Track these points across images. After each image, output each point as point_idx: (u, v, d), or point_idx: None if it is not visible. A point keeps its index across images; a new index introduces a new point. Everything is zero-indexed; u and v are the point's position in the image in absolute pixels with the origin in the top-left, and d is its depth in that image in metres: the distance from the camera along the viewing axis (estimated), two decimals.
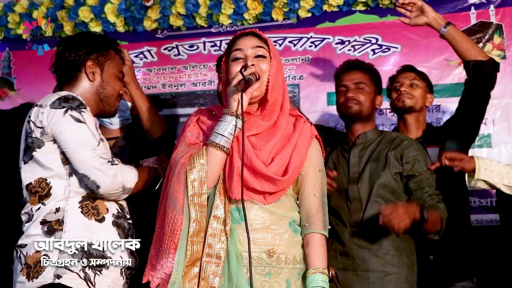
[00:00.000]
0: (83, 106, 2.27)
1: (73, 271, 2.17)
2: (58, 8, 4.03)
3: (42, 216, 2.23)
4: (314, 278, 1.99)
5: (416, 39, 3.54)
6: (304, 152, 2.09)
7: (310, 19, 3.69)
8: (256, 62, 2.04)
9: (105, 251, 2.24)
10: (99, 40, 2.42)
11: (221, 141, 2.01)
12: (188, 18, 3.86)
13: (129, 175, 2.26)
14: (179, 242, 2.01)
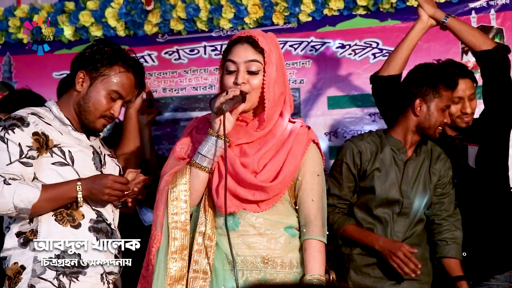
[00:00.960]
0: (15, 126, 2.20)
1: (46, 280, 2.17)
2: (59, 12, 4.03)
3: (17, 227, 2.22)
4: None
5: (418, 43, 3.32)
6: (298, 158, 2.06)
7: (310, 23, 3.68)
8: (247, 78, 2.02)
9: (82, 257, 2.21)
10: (107, 53, 2.30)
11: (203, 162, 2.01)
12: (188, 22, 3.83)
13: (23, 195, 2.16)
14: (158, 259, 2.03)
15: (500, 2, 3.40)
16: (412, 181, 2.60)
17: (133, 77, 2.33)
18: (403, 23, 3.50)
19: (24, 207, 2.14)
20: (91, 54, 2.30)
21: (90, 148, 2.32)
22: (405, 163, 2.61)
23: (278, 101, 2.06)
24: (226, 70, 2.05)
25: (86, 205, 2.26)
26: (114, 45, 2.37)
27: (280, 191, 2.04)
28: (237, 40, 2.06)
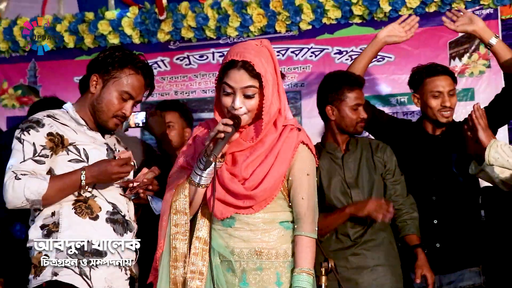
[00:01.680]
0: (31, 128, 2.26)
1: (68, 268, 2.21)
2: (80, 22, 4.14)
3: (41, 221, 2.27)
4: (298, 278, 2.00)
5: (408, 49, 3.61)
6: (286, 162, 2.05)
7: (310, 31, 3.78)
8: (243, 102, 2.00)
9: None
10: (118, 56, 2.34)
11: (200, 181, 2.05)
12: (198, 31, 3.93)
13: (32, 187, 2.19)
14: (161, 263, 2.10)
15: (485, 11, 3.50)
16: (355, 172, 2.73)
17: (143, 79, 2.35)
18: None
19: (35, 199, 2.18)
20: (103, 58, 2.33)
21: (104, 146, 2.36)
22: (342, 158, 2.74)
23: (273, 118, 2.06)
24: (223, 90, 2.02)
25: (101, 198, 2.31)
26: (126, 50, 2.39)
27: (268, 195, 2.05)
28: (233, 64, 1.99)
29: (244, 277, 2.06)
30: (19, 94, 4.30)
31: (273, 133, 2.06)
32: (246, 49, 2.01)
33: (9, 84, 4.31)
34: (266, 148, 2.05)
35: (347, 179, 2.72)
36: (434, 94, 2.81)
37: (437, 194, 2.81)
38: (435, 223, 2.80)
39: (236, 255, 2.07)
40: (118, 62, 2.31)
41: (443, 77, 2.83)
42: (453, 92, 2.85)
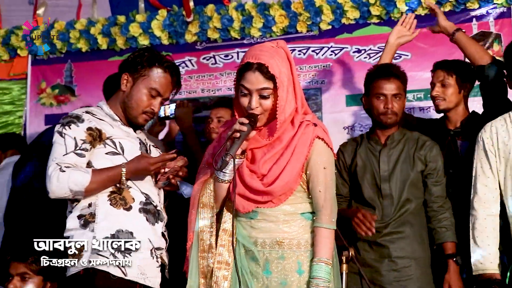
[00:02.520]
0: (72, 123, 2.30)
1: (104, 256, 2.24)
2: (112, 25, 4.22)
3: (78, 211, 2.30)
4: (316, 268, 2.01)
5: (424, 47, 3.62)
6: (302, 157, 2.06)
7: (330, 31, 3.82)
8: (259, 102, 2.03)
9: (134, 236, 2.28)
10: (147, 56, 2.39)
11: (223, 177, 2.09)
12: (223, 32, 3.99)
13: (78, 179, 2.23)
14: (191, 255, 2.15)
15: (499, 10, 3.52)
16: (391, 166, 2.71)
17: (170, 77, 2.39)
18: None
19: (78, 190, 2.23)
20: (133, 58, 2.39)
21: (137, 140, 2.41)
22: (379, 152, 2.74)
23: (289, 117, 2.08)
24: (240, 92, 2.05)
25: (136, 189, 2.34)
26: (154, 50, 2.45)
27: (285, 190, 2.06)
28: (249, 66, 2.01)
29: (267, 266, 2.09)
30: (56, 93, 4.37)
31: (290, 131, 2.07)
32: (262, 51, 2.03)
33: (47, 84, 4.38)
34: (283, 145, 2.07)
35: (381, 173, 2.72)
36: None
37: (453, 187, 2.79)
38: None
39: (259, 245, 2.09)
40: (146, 61, 2.36)
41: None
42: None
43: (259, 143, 2.09)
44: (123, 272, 2.24)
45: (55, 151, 2.28)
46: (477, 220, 2.50)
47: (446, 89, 2.90)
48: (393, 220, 2.67)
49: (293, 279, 2.06)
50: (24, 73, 4.45)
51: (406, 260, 2.64)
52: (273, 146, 2.08)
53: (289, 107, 2.05)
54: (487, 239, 2.47)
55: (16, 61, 4.45)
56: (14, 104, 4.47)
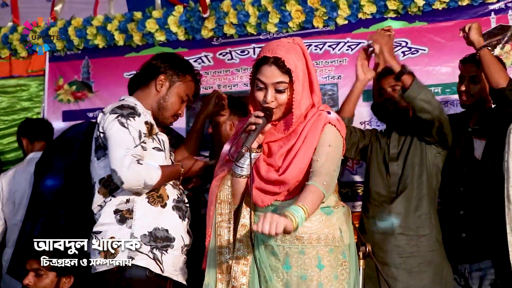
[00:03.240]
0: (133, 114, 2.33)
1: (143, 253, 2.28)
2: (129, 21, 4.22)
3: (115, 206, 2.32)
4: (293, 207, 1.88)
5: (442, 42, 3.61)
6: (313, 142, 2.07)
7: (346, 26, 3.82)
8: (275, 96, 2.05)
9: (169, 233, 2.34)
10: (182, 63, 2.52)
11: (241, 172, 2.10)
12: (239, 27, 3.99)
13: (152, 173, 2.28)
14: (209, 251, 2.15)
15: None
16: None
17: (196, 85, 2.56)
18: (429, 24, 3.62)
19: (150, 184, 2.28)
20: (171, 62, 2.50)
21: (167, 137, 2.51)
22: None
23: (305, 111, 2.09)
24: (256, 86, 2.07)
25: (171, 186, 2.40)
26: (183, 57, 2.58)
27: (298, 177, 2.06)
28: (265, 60, 2.04)
29: (287, 261, 2.09)
30: (74, 90, 4.39)
31: (305, 124, 2.10)
32: (278, 46, 2.06)
33: (64, 80, 4.41)
34: (297, 135, 2.09)
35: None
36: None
37: (465, 185, 2.81)
38: (461, 213, 2.79)
39: (279, 240, 2.09)
40: (182, 68, 2.51)
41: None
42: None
43: (275, 137, 2.12)
44: (161, 269, 2.29)
45: (123, 142, 2.27)
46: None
47: (475, 85, 2.86)
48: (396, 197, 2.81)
49: (313, 273, 2.06)
50: (42, 70, 4.46)
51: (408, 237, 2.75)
52: (289, 139, 2.10)
53: (304, 102, 2.07)
54: None
55: (34, 58, 4.47)
56: (32, 100, 4.50)
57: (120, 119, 2.31)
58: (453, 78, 3.41)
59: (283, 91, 2.04)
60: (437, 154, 2.83)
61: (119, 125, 2.29)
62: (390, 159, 2.85)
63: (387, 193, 2.83)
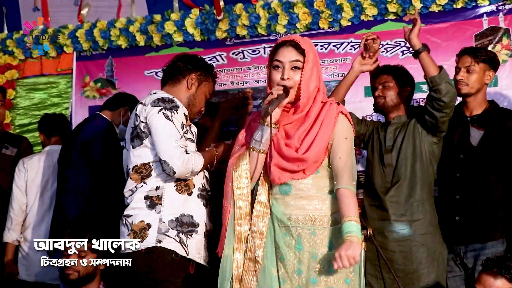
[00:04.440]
0: (176, 107, 2.37)
1: (170, 236, 2.33)
2: (149, 23, 4.29)
3: (145, 192, 2.37)
4: (347, 225, 2.07)
5: (438, 42, 3.67)
6: (330, 128, 2.16)
7: (350, 27, 3.87)
8: (291, 75, 2.15)
9: (194, 220, 2.38)
10: (206, 65, 2.63)
11: (259, 146, 2.18)
12: (251, 28, 4.06)
13: (197, 161, 2.33)
14: (228, 224, 2.19)
15: (508, 6, 3.56)
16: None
17: (214, 87, 2.68)
18: (426, 25, 3.64)
19: (196, 171, 2.35)
20: (199, 63, 2.58)
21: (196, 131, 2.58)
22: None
23: (312, 92, 2.18)
24: (273, 67, 2.18)
25: (197, 176, 2.43)
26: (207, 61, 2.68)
27: (317, 158, 2.15)
28: (283, 43, 2.18)
29: (300, 241, 2.15)
30: (99, 86, 4.47)
31: (316, 107, 2.19)
32: (295, 35, 2.27)
33: (90, 78, 4.49)
34: (312, 119, 2.17)
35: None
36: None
37: (461, 171, 2.86)
38: (457, 198, 2.84)
39: (293, 221, 2.16)
40: (207, 69, 2.61)
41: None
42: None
43: (290, 119, 2.20)
44: (186, 251, 2.35)
45: (172, 134, 2.30)
46: None
47: (470, 75, 2.89)
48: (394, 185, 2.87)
49: (324, 253, 2.13)
50: (70, 68, 4.53)
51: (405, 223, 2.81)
52: (304, 122, 2.18)
53: (312, 83, 2.16)
54: None
55: (63, 58, 4.55)
56: (61, 96, 4.59)
57: (165, 112, 2.34)
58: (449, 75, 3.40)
59: (298, 68, 2.13)
60: (433, 143, 2.85)
61: (164, 118, 2.33)
62: (386, 151, 2.90)
63: (383, 182, 2.86)
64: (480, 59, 2.93)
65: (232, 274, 2.15)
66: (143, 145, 2.38)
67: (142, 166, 2.38)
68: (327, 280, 2.12)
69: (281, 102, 2.11)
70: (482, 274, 2.27)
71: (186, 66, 2.56)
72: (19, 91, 4.66)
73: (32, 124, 4.59)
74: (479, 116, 2.93)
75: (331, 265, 2.07)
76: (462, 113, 2.99)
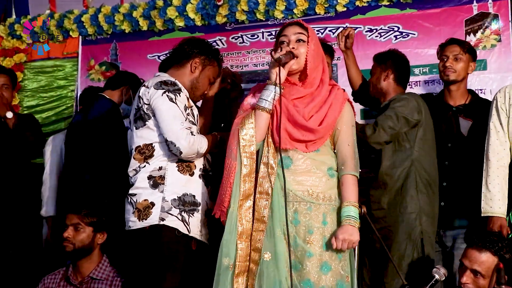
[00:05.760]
0: (179, 90, 2.36)
1: (173, 215, 2.32)
2: (152, 8, 4.30)
3: (148, 172, 2.36)
4: (346, 209, 2.12)
5: (430, 27, 3.71)
6: (337, 111, 2.20)
7: (345, 13, 3.91)
8: (296, 45, 2.18)
9: (196, 199, 2.37)
10: (212, 50, 2.58)
11: (265, 105, 2.16)
12: (250, 14, 4.08)
13: (202, 143, 2.32)
14: (234, 181, 2.16)
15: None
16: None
17: (219, 71, 2.64)
18: (418, 11, 3.73)
19: (201, 152, 2.34)
20: (204, 48, 2.54)
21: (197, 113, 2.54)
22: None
23: (317, 68, 2.19)
24: (280, 43, 2.21)
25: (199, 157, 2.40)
26: (211, 44, 2.65)
27: (323, 134, 2.16)
28: (288, 24, 2.26)
29: (296, 215, 2.15)
30: (104, 70, 4.49)
31: (324, 86, 2.22)
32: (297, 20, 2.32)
33: (95, 62, 4.51)
34: (321, 99, 2.19)
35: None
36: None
37: (449, 159, 2.89)
38: (444, 185, 2.86)
39: (290, 197, 2.14)
40: (212, 53, 2.57)
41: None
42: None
43: (300, 93, 2.21)
44: (188, 229, 2.35)
45: (177, 116, 2.29)
46: (490, 169, 2.58)
47: (458, 62, 2.93)
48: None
49: (319, 228, 2.15)
50: (76, 52, 4.56)
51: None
52: (314, 98, 2.20)
53: (316, 58, 2.19)
54: (498, 186, 2.56)
55: (69, 42, 4.58)
56: (67, 79, 4.64)
57: (168, 94, 2.32)
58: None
59: (303, 40, 2.16)
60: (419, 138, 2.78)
61: (168, 101, 2.31)
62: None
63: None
64: (466, 49, 2.99)
65: (237, 229, 2.15)
66: (145, 126, 2.38)
67: (144, 146, 2.38)
68: (322, 254, 2.14)
69: (288, 61, 2.13)
70: (468, 249, 2.32)
71: (191, 49, 2.53)
72: (27, 74, 4.68)
73: (40, 106, 4.65)
74: (465, 106, 2.97)
75: (325, 239, 2.14)
76: (445, 103, 3.01)
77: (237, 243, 2.13)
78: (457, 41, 3.04)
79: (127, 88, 3.37)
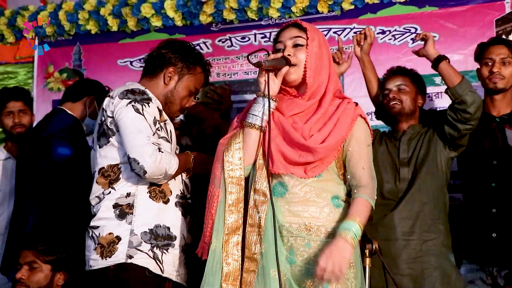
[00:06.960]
0: (148, 100, 2.28)
1: (143, 251, 2.23)
2: (123, 5, 4.15)
3: (114, 200, 2.28)
4: (346, 223, 1.98)
5: (454, 28, 3.57)
6: (345, 129, 2.09)
7: (353, 11, 3.76)
8: (293, 52, 2.09)
9: (171, 231, 2.29)
10: (193, 54, 2.46)
11: (253, 120, 2.07)
12: (240, 12, 3.94)
13: (172, 162, 2.24)
14: (217, 212, 2.09)
15: None
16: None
17: (205, 76, 2.51)
18: (440, 9, 3.58)
19: (169, 174, 2.25)
20: (181, 53, 2.42)
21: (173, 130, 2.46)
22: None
23: (320, 76, 2.11)
24: (275, 50, 2.14)
25: (175, 180, 2.34)
26: (194, 47, 2.52)
27: (325, 155, 2.06)
28: (284, 27, 2.16)
29: (292, 253, 2.05)
30: (65, 78, 4.35)
31: (328, 98, 2.12)
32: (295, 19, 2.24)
33: (54, 68, 4.38)
34: (324, 114, 2.10)
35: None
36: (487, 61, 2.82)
37: (497, 180, 2.71)
38: (494, 212, 2.69)
39: (285, 231, 2.05)
40: (192, 59, 2.44)
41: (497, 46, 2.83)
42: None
43: (301, 107, 2.11)
44: (161, 269, 2.25)
45: (142, 130, 2.21)
46: None
47: (506, 67, 2.79)
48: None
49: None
50: (31, 56, 4.43)
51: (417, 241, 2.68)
52: (315, 112, 2.11)
53: (319, 62, 2.10)
54: None
55: (22, 44, 4.44)
56: None
57: (134, 104, 2.24)
58: (466, 66, 3.40)
59: (301, 45, 2.09)
60: (450, 159, 2.73)
61: (134, 112, 2.22)
62: (401, 164, 2.73)
63: (394, 197, 2.70)
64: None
65: (221, 270, 2.06)
66: (109, 143, 2.29)
67: (109, 168, 2.30)
68: None
69: (279, 67, 2.05)
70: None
71: (164, 56, 2.43)
72: None
73: None
74: (510, 115, 2.81)
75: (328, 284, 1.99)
76: (487, 114, 2.84)
77: (223, 286, 2.04)
78: (504, 41, 2.88)
79: (91, 99, 3.26)
